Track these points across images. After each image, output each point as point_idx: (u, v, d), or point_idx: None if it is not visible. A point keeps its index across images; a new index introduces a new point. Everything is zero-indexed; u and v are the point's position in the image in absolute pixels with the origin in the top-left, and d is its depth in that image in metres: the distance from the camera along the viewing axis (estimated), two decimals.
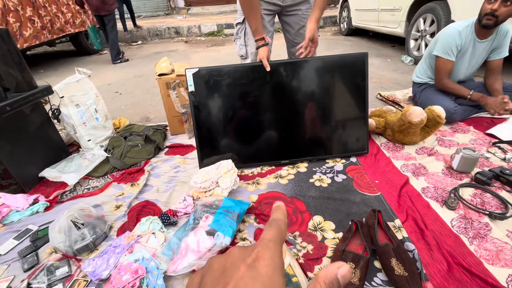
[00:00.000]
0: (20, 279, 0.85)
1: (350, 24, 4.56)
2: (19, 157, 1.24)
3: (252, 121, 1.30)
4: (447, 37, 1.60)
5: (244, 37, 1.37)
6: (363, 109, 1.33)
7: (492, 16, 1.43)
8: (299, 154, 1.36)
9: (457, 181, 1.17)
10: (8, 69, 1.18)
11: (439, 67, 1.65)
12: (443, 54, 1.61)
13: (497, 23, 1.46)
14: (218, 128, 1.30)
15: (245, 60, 1.43)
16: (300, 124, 1.33)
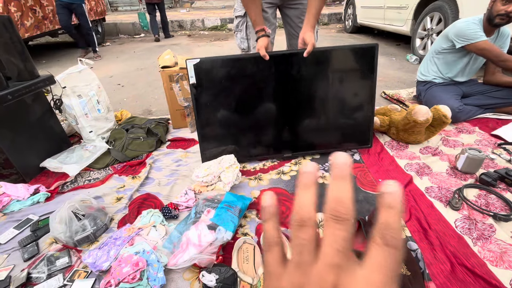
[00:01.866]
0: (20, 269, 0.85)
1: (355, 21, 4.51)
2: (20, 146, 1.24)
3: (255, 112, 1.28)
4: (465, 26, 1.55)
5: (246, 30, 1.35)
6: (370, 102, 1.30)
7: (506, 17, 1.46)
8: (302, 147, 1.35)
9: (461, 181, 1.16)
10: (10, 58, 1.17)
11: (487, 49, 1.52)
12: (475, 39, 1.52)
13: (508, 23, 1.48)
14: (220, 120, 1.28)
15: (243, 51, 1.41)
16: (303, 117, 1.31)
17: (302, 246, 0.16)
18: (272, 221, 0.18)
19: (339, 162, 0.17)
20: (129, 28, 5.71)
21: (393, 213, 0.15)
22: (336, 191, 0.16)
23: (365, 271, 0.15)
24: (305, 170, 0.18)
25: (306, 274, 0.15)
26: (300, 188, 0.17)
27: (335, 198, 0.16)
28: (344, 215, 0.15)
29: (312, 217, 0.16)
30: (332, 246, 0.15)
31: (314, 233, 0.16)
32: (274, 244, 0.18)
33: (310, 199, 0.17)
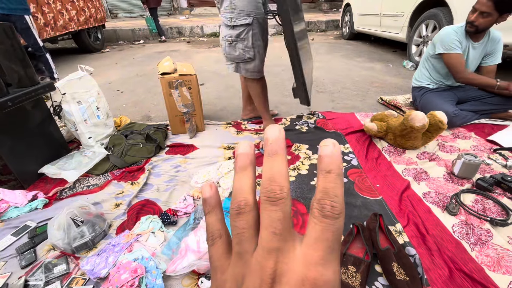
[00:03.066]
0: (17, 276, 0.84)
1: (352, 28, 4.58)
2: (19, 153, 1.24)
3: None
4: (445, 35, 1.64)
5: (252, 38, 1.33)
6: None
7: (472, 26, 1.55)
8: None
9: (458, 186, 1.17)
10: (10, 65, 1.18)
11: (452, 63, 1.63)
12: (448, 50, 1.62)
13: (478, 31, 1.55)
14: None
15: (252, 62, 1.40)
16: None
17: (241, 235, 0.15)
18: (214, 213, 0.17)
19: (271, 137, 0.16)
20: (128, 35, 5.76)
21: (331, 178, 0.14)
22: (269, 170, 0.15)
23: (302, 249, 0.14)
24: (240, 151, 0.17)
25: (247, 263, 0.15)
26: (236, 171, 0.16)
27: (268, 177, 0.15)
28: (278, 194, 0.14)
29: (249, 202, 0.15)
30: (268, 229, 0.14)
31: (252, 219, 0.15)
32: (217, 236, 0.17)
33: (246, 182, 0.16)
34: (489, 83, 1.60)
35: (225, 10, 1.29)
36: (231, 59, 1.41)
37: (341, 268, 0.79)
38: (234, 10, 1.28)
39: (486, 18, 1.49)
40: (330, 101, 2.21)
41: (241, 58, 1.39)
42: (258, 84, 1.50)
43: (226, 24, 1.32)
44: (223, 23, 1.34)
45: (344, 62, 3.40)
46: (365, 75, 2.83)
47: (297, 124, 1.78)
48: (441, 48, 1.65)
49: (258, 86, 1.50)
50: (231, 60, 1.41)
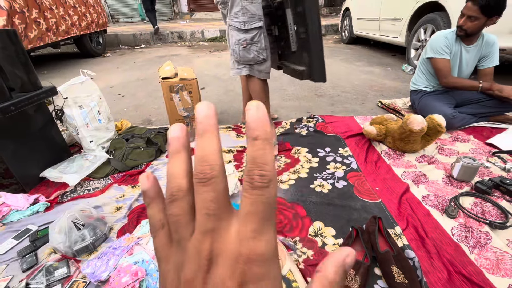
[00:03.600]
0: (18, 279, 0.85)
1: (352, 32, 4.62)
2: (21, 156, 1.25)
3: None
4: (434, 40, 1.70)
5: (264, 40, 1.35)
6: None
7: (461, 30, 1.58)
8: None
9: (457, 189, 1.17)
10: (14, 70, 1.20)
11: (438, 67, 1.70)
12: (436, 55, 1.68)
13: (468, 34, 1.58)
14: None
15: (265, 62, 1.40)
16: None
17: (177, 223, 0.15)
18: (155, 204, 0.17)
19: (200, 115, 0.15)
20: (129, 39, 5.81)
21: (258, 144, 0.13)
22: (200, 150, 0.14)
23: (236, 225, 0.14)
24: (171, 135, 0.16)
25: (185, 249, 0.14)
26: (169, 157, 0.16)
27: (199, 158, 0.14)
28: (208, 173, 0.14)
29: (183, 187, 0.15)
30: (202, 211, 0.14)
31: (187, 204, 0.15)
32: (159, 227, 0.16)
33: (179, 166, 0.15)
34: (472, 85, 1.65)
35: (237, 15, 1.31)
36: (244, 62, 1.41)
37: None
38: (247, 14, 1.30)
39: (473, 22, 1.52)
40: (329, 104, 2.22)
41: (255, 60, 1.40)
42: (264, 84, 1.51)
43: (239, 28, 1.33)
44: (234, 28, 1.34)
45: (344, 66, 3.43)
46: (365, 79, 2.85)
47: (297, 128, 1.79)
48: (430, 52, 1.70)
49: (264, 87, 1.51)
50: (245, 63, 1.42)
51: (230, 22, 1.34)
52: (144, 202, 0.17)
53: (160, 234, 0.16)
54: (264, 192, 0.13)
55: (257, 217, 0.13)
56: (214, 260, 0.13)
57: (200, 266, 0.13)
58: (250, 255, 0.13)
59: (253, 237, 0.13)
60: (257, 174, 0.13)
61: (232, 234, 0.14)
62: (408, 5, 3.02)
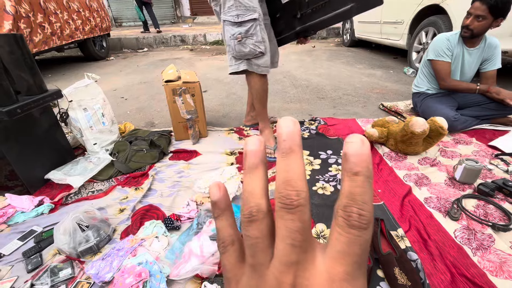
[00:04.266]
0: (23, 280, 0.86)
1: (353, 35, 4.64)
2: (27, 159, 1.26)
3: None
4: (436, 42, 1.71)
5: (260, 32, 1.33)
6: None
7: (467, 30, 1.58)
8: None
9: (460, 192, 1.17)
10: (20, 73, 1.22)
11: (437, 70, 1.71)
12: (437, 57, 1.69)
13: (473, 35, 1.58)
14: None
15: (263, 56, 1.39)
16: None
17: (255, 246, 0.14)
18: (225, 217, 0.16)
19: (284, 132, 0.14)
20: (132, 43, 5.87)
21: (359, 181, 0.12)
22: (283, 171, 0.13)
23: (325, 263, 0.13)
24: (249, 148, 0.15)
25: (263, 277, 0.14)
26: (246, 172, 0.15)
27: (283, 179, 0.13)
28: (295, 201, 0.13)
29: (262, 207, 0.14)
30: (286, 241, 0.13)
31: (266, 227, 0.14)
32: (229, 243, 0.15)
33: (258, 184, 0.14)
34: (469, 87, 1.68)
35: (230, 9, 1.29)
36: (241, 56, 1.38)
37: None
38: (240, 7, 1.28)
39: (480, 22, 1.53)
40: (331, 107, 2.23)
41: (252, 54, 1.37)
42: (264, 81, 1.49)
43: (232, 22, 1.31)
44: (228, 23, 1.32)
45: (345, 68, 3.44)
46: (366, 82, 2.86)
47: None
48: (432, 54, 1.72)
49: (263, 83, 1.49)
50: (242, 58, 1.39)
51: (223, 17, 1.33)
52: (212, 213, 0.16)
53: (229, 251, 0.15)
54: (362, 234, 0.12)
55: (352, 259, 0.12)
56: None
57: None
58: None
59: (347, 280, 0.12)
60: (356, 213, 0.12)
61: (320, 272, 0.13)
62: (409, 8, 3.04)
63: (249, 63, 1.41)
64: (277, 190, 0.13)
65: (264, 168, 0.15)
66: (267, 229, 0.14)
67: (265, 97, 1.55)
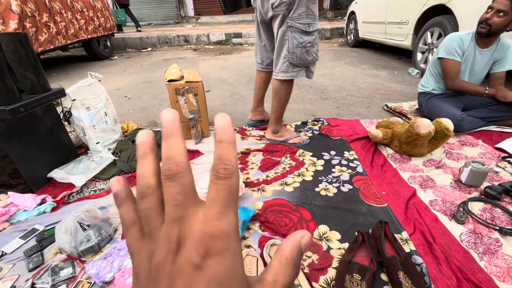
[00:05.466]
0: (24, 279, 0.86)
1: (357, 36, 4.62)
2: (29, 157, 1.27)
3: None
4: (448, 40, 1.67)
5: (317, 41, 1.34)
6: None
7: (486, 25, 1.53)
8: None
9: (465, 194, 1.15)
10: (24, 72, 1.22)
11: (446, 68, 1.67)
12: (447, 55, 1.65)
13: (490, 32, 1.54)
14: None
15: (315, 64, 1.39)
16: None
17: (147, 216, 0.16)
18: (125, 205, 0.18)
19: (165, 120, 0.16)
20: (136, 43, 5.90)
21: (224, 146, 0.15)
22: (166, 151, 0.16)
23: (202, 210, 0.15)
24: (139, 140, 0.17)
25: (156, 238, 0.16)
26: (138, 160, 0.17)
27: (165, 157, 0.16)
28: (174, 170, 0.15)
29: (151, 184, 0.16)
30: (169, 203, 0.15)
31: (156, 199, 0.16)
32: (131, 224, 0.17)
33: (148, 167, 0.17)
34: (477, 90, 1.64)
35: (300, 17, 1.26)
36: (302, 64, 1.36)
37: (347, 276, 0.78)
38: (310, 16, 1.26)
39: (501, 18, 1.49)
40: (335, 108, 2.21)
41: (312, 62, 1.37)
42: (292, 85, 1.50)
43: (302, 31, 1.28)
44: (296, 30, 1.28)
45: (349, 69, 3.42)
46: (370, 82, 2.83)
47: (302, 131, 1.79)
48: (442, 52, 1.68)
49: (291, 88, 1.49)
50: (302, 65, 1.37)
51: (292, 23, 1.27)
52: (115, 204, 0.18)
53: (131, 230, 0.17)
54: (227, 181, 0.15)
55: (220, 202, 0.15)
56: (182, 242, 0.15)
57: (170, 249, 0.15)
58: (214, 232, 0.14)
59: (217, 218, 0.15)
60: (222, 168, 0.15)
61: (199, 219, 0.15)
62: (414, 8, 3.01)
63: (307, 70, 1.41)
64: (162, 167, 0.16)
65: (153, 155, 0.17)
66: (157, 201, 0.16)
67: (287, 101, 1.57)
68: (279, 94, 1.49)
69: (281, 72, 1.41)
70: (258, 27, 1.57)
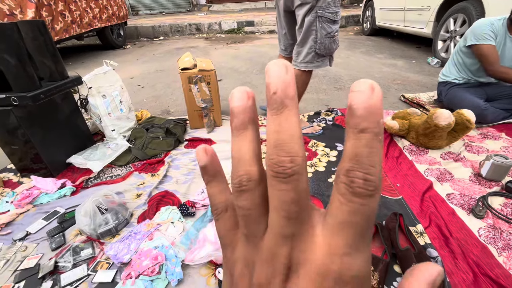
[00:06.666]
0: (48, 257, 0.90)
1: (374, 23, 4.44)
2: (50, 143, 1.31)
3: None
4: (478, 26, 1.56)
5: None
6: None
7: None
8: None
9: (485, 189, 1.11)
10: (43, 59, 1.25)
11: (484, 54, 1.53)
12: (480, 41, 1.53)
13: None
14: None
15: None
16: None
17: (247, 217, 0.13)
18: (216, 183, 0.15)
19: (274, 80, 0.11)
20: (149, 31, 5.90)
21: (366, 139, 0.10)
22: (274, 133, 0.11)
23: (325, 235, 0.11)
24: (235, 103, 0.13)
25: (257, 248, 0.13)
26: (233, 134, 0.13)
27: (274, 143, 0.11)
28: (288, 169, 0.11)
29: (253, 176, 0.12)
30: (279, 213, 0.11)
31: (258, 196, 0.13)
32: (222, 211, 0.15)
33: (248, 148, 0.13)
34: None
35: (329, 5, 1.20)
36: (328, 53, 1.32)
37: None
38: (337, 3, 1.22)
39: None
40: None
41: (335, 50, 1.33)
42: (311, 75, 1.46)
43: (331, 20, 1.23)
44: (325, 20, 1.22)
45: (365, 58, 3.31)
46: (387, 72, 2.74)
47: (315, 121, 1.76)
48: (473, 39, 1.56)
49: (310, 78, 1.46)
50: (327, 55, 1.33)
51: (322, 13, 1.21)
52: (203, 179, 0.15)
53: (224, 218, 0.15)
54: (368, 202, 0.10)
55: (355, 231, 0.11)
56: (294, 269, 0.12)
57: (277, 272, 0.12)
58: (343, 275, 0.11)
59: (348, 254, 0.11)
60: (361, 178, 0.10)
61: (319, 244, 0.11)
62: None
63: (330, 59, 1.37)
64: (268, 156, 0.11)
65: (254, 128, 0.13)
66: (260, 198, 0.13)
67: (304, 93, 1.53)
68: (297, 84, 1.45)
69: (304, 63, 1.35)
70: (279, 15, 1.52)
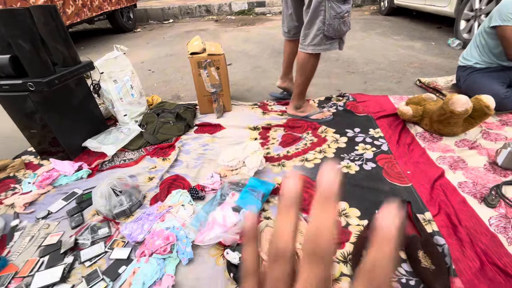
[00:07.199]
0: (68, 235, 0.97)
1: (392, 2, 4.19)
2: (66, 127, 1.36)
3: None
4: (505, 4, 1.42)
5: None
6: None
7: None
8: None
9: (500, 178, 1.08)
10: (56, 45, 1.27)
11: (506, 37, 1.42)
12: (505, 22, 1.41)
13: None
14: None
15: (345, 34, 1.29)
16: None
17: (276, 282, 0.15)
18: (251, 247, 0.17)
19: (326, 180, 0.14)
20: (158, 14, 5.83)
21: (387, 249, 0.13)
22: (317, 221, 0.14)
23: None
24: (287, 187, 0.15)
25: None
26: (279, 211, 0.15)
27: (315, 231, 0.14)
28: (322, 251, 0.13)
29: (289, 249, 0.15)
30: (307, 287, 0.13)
31: (289, 268, 0.15)
32: (251, 273, 0.16)
33: (290, 225, 0.15)
34: None
35: None
36: (338, 36, 1.28)
37: (364, 252, 0.80)
38: None
39: None
40: (362, 82, 2.09)
41: (345, 32, 1.28)
42: (319, 59, 1.42)
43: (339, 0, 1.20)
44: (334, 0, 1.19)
45: (380, 40, 3.16)
46: (403, 55, 2.62)
47: (325, 106, 1.73)
48: (498, 20, 1.43)
49: (318, 62, 1.41)
50: (337, 37, 1.28)
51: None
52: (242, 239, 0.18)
53: (250, 281, 0.16)
54: None
55: None
56: None
57: None
58: None
59: None
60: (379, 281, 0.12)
61: None
62: None
63: (340, 42, 1.33)
64: (307, 237, 0.14)
65: (296, 212, 0.15)
66: (290, 271, 0.15)
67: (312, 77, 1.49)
68: (304, 68, 1.41)
69: (311, 46, 1.31)
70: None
